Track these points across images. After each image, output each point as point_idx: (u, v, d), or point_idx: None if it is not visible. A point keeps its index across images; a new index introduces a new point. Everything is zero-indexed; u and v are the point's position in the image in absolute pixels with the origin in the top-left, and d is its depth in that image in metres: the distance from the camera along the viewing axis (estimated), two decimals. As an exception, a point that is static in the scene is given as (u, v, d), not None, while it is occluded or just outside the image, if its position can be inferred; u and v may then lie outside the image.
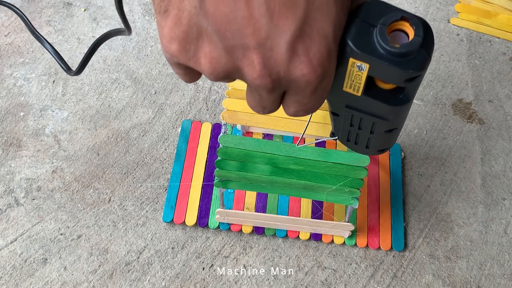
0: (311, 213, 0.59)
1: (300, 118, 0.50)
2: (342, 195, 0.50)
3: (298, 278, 0.57)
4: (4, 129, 0.67)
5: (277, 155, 0.48)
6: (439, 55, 0.74)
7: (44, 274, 0.57)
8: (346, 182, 0.49)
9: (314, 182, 0.49)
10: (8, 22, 0.77)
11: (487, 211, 0.61)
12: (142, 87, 0.71)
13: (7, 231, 0.59)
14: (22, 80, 0.71)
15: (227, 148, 0.48)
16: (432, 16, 0.79)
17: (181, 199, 0.59)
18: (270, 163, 0.48)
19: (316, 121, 0.49)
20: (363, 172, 0.48)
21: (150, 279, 0.56)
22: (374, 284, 0.56)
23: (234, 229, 0.58)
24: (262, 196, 0.59)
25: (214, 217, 0.58)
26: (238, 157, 0.49)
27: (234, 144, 0.48)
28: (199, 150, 0.63)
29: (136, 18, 0.78)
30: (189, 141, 0.63)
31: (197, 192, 0.60)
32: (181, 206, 0.59)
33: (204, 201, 0.59)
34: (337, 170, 0.48)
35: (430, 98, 0.70)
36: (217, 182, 0.51)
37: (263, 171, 0.49)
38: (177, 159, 0.62)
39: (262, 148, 0.48)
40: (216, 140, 0.63)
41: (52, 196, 0.62)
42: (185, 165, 0.62)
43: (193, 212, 0.59)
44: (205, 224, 0.58)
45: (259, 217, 0.56)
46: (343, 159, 0.48)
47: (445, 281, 0.56)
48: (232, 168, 0.49)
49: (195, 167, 0.62)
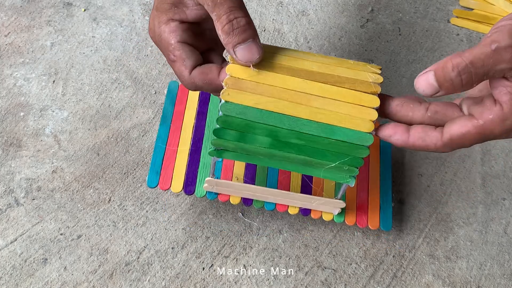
0: (300, 188, 0.57)
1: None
2: (340, 173, 0.49)
3: (298, 278, 0.57)
4: (4, 129, 0.67)
5: (280, 128, 0.46)
6: (439, 55, 0.74)
7: (44, 274, 0.57)
8: (346, 160, 0.48)
9: (314, 158, 0.48)
10: (8, 22, 0.77)
11: (487, 211, 0.61)
12: (142, 87, 0.71)
13: (7, 231, 0.59)
14: (22, 80, 0.71)
15: (227, 117, 0.46)
16: (432, 16, 0.79)
17: (167, 164, 0.57)
18: (271, 135, 0.47)
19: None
20: (365, 151, 0.47)
21: (150, 279, 0.56)
22: (374, 284, 0.56)
23: (222, 199, 0.56)
24: (251, 167, 0.58)
25: (202, 186, 0.57)
26: (239, 127, 0.47)
27: (236, 113, 0.46)
28: (187, 114, 0.61)
29: (136, 18, 0.78)
30: (175, 104, 0.61)
31: (183, 158, 0.58)
32: (166, 171, 0.57)
33: (191, 167, 0.57)
34: (339, 148, 0.47)
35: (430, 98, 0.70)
36: (212, 151, 0.49)
37: (262, 143, 0.47)
38: (163, 122, 0.60)
39: (265, 120, 0.46)
40: (204, 105, 0.61)
41: (52, 196, 0.62)
42: (172, 128, 0.60)
43: (180, 179, 0.57)
44: (192, 192, 0.56)
45: (251, 189, 0.55)
46: (346, 136, 0.46)
47: (445, 281, 0.56)
48: (231, 138, 0.47)
49: (182, 131, 0.59)
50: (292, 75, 0.47)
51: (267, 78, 0.46)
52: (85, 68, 0.73)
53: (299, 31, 0.76)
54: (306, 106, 0.46)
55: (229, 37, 0.45)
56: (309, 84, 0.47)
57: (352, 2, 0.80)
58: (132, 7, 0.79)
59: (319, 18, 0.78)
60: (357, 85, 0.47)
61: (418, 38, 0.76)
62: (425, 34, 0.77)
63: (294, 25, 0.77)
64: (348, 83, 0.47)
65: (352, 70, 0.48)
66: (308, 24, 0.77)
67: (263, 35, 0.76)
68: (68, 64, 0.73)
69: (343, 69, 0.48)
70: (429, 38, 0.76)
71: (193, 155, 0.58)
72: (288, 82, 0.47)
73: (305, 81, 0.47)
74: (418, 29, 0.77)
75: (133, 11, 0.79)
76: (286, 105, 0.46)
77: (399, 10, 0.79)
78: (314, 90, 0.47)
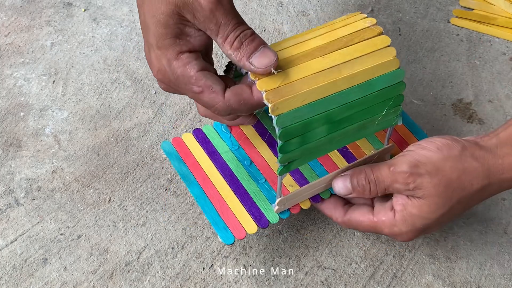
0: (343, 159, 0.57)
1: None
2: (388, 118, 0.51)
3: (298, 278, 0.57)
4: (4, 129, 0.67)
5: (331, 110, 0.47)
6: (439, 55, 0.74)
7: (44, 274, 0.57)
8: (391, 104, 0.50)
9: (366, 119, 0.49)
10: (8, 22, 0.77)
11: (487, 211, 0.61)
12: (142, 87, 0.71)
13: (7, 231, 0.59)
14: (22, 80, 0.71)
15: (285, 128, 0.46)
16: (432, 16, 0.79)
17: (226, 215, 0.54)
18: (327, 121, 0.47)
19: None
20: (402, 86, 0.49)
21: (150, 279, 0.56)
22: (374, 284, 0.56)
23: (294, 211, 0.54)
24: (295, 170, 0.57)
25: (270, 213, 0.54)
26: (298, 131, 0.46)
27: (290, 121, 0.46)
28: (201, 162, 0.58)
29: (136, 18, 0.78)
30: (184, 160, 0.58)
31: (234, 200, 0.55)
32: (231, 221, 0.53)
33: (248, 202, 0.55)
34: (382, 96, 0.49)
35: (430, 98, 0.70)
36: (281, 170, 0.49)
37: (321, 133, 0.48)
38: (188, 182, 0.56)
39: (317, 110, 0.47)
40: (208, 145, 0.59)
41: (52, 196, 0.62)
42: (200, 182, 0.56)
43: (247, 219, 0.54)
44: (267, 223, 0.53)
45: (314, 186, 0.54)
46: (384, 82, 0.49)
47: (445, 281, 0.56)
48: (295, 146, 0.47)
49: (211, 178, 0.56)
50: (310, 58, 0.47)
51: (294, 74, 0.46)
52: (85, 68, 0.73)
53: (299, 31, 0.76)
54: (339, 77, 0.47)
55: (241, 51, 0.44)
56: (329, 58, 0.48)
57: (352, 2, 0.80)
58: (132, 7, 0.79)
59: (319, 18, 0.78)
60: (363, 35, 0.49)
61: (418, 38, 0.76)
62: (425, 34, 0.77)
63: (294, 25, 0.77)
64: (356, 37, 0.49)
65: (349, 25, 0.50)
66: (308, 24, 0.77)
67: (263, 35, 0.76)
68: (68, 64, 0.73)
69: (342, 29, 0.50)
70: (429, 38, 0.76)
71: (239, 192, 0.55)
72: (312, 66, 0.47)
73: (324, 57, 0.48)
74: (418, 29, 0.77)
75: (133, 11, 0.79)
76: (325, 87, 0.47)
77: (399, 10, 0.79)
78: (336, 60, 0.48)
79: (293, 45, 0.48)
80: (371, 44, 0.49)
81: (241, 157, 0.57)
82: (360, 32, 0.49)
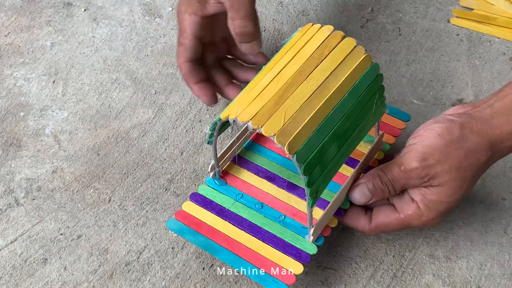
0: (347, 166, 0.57)
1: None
2: (377, 111, 0.52)
3: (298, 278, 0.57)
4: (4, 129, 0.67)
5: (336, 125, 0.48)
6: (439, 55, 0.74)
7: (44, 274, 0.57)
8: (377, 97, 0.51)
9: (363, 120, 0.51)
10: (8, 22, 0.77)
11: (487, 211, 0.61)
12: (142, 87, 0.71)
13: (7, 231, 0.59)
14: (22, 80, 0.71)
15: (306, 161, 0.46)
16: (432, 16, 0.79)
17: (266, 265, 0.52)
18: (335, 138, 0.48)
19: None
20: (381, 78, 0.51)
21: (150, 279, 0.56)
22: (374, 284, 0.56)
23: (326, 233, 0.53)
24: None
25: (306, 244, 0.53)
26: (316, 160, 0.47)
27: (307, 152, 0.46)
28: (215, 225, 0.54)
29: (136, 18, 0.78)
30: (196, 230, 0.54)
31: (265, 248, 0.53)
32: (276, 271, 0.51)
33: (281, 244, 0.53)
34: (369, 93, 0.51)
35: (430, 98, 0.70)
36: (312, 201, 0.48)
37: (334, 151, 0.48)
38: (213, 251, 0.53)
39: (325, 132, 0.47)
40: (213, 205, 0.56)
41: (52, 196, 0.62)
42: (226, 246, 0.53)
43: (289, 261, 0.52)
44: (308, 258, 0.52)
45: (336, 201, 0.53)
46: (366, 81, 0.50)
47: (445, 281, 0.56)
48: (318, 174, 0.47)
49: (233, 236, 0.53)
50: (296, 86, 0.49)
51: (290, 107, 0.47)
52: (85, 68, 0.73)
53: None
54: (330, 93, 0.48)
55: (238, 36, 0.58)
56: (312, 79, 0.49)
57: (352, 2, 0.80)
58: (132, 7, 0.79)
59: (319, 18, 0.78)
60: (330, 44, 0.51)
61: (418, 38, 0.76)
62: (425, 34, 0.77)
63: (294, 25, 0.77)
64: (325, 49, 0.50)
65: (312, 40, 0.51)
66: (308, 24, 0.77)
67: (263, 35, 0.76)
68: (68, 64, 0.73)
69: (308, 47, 0.51)
70: (429, 38, 0.76)
71: (267, 238, 0.53)
72: (302, 93, 0.48)
73: (307, 80, 0.49)
74: (418, 29, 0.77)
75: (133, 11, 0.79)
76: (322, 108, 0.48)
77: (399, 10, 0.79)
78: (320, 78, 0.49)
79: (272, 80, 0.49)
80: (340, 50, 0.51)
81: (250, 203, 0.56)
82: (326, 43, 0.51)
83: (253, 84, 0.50)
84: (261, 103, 0.47)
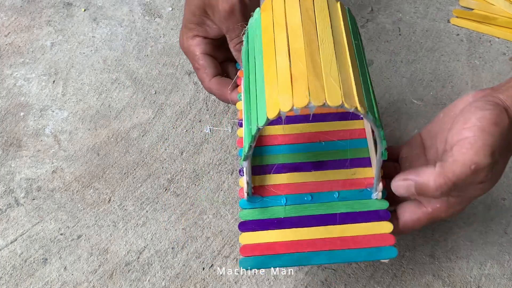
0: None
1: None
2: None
3: (298, 278, 0.57)
4: (4, 129, 0.67)
5: (364, 67, 0.48)
6: (439, 55, 0.74)
7: (44, 274, 0.57)
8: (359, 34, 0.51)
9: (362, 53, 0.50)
10: (8, 22, 0.77)
11: (487, 211, 0.61)
12: (142, 87, 0.71)
13: (7, 231, 0.59)
14: (22, 80, 0.71)
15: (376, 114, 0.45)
16: (432, 16, 0.79)
17: (361, 243, 0.50)
18: (368, 77, 0.48)
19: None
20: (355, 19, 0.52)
21: (150, 279, 0.56)
22: (374, 284, 0.56)
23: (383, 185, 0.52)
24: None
25: (376, 203, 0.51)
26: (374, 104, 0.46)
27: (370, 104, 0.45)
28: (284, 237, 0.50)
29: (136, 18, 0.78)
30: (275, 253, 0.50)
31: (347, 228, 0.50)
32: (372, 243, 0.50)
33: (357, 217, 0.51)
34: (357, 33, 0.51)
35: (430, 98, 0.70)
36: (385, 152, 0.47)
37: (370, 88, 0.47)
38: (305, 262, 0.50)
39: (365, 80, 0.47)
40: (266, 221, 0.52)
41: (52, 196, 0.62)
42: (308, 249, 0.50)
43: (376, 226, 0.50)
44: (389, 214, 0.50)
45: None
46: (353, 26, 0.50)
47: (445, 281, 0.56)
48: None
49: (311, 236, 0.50)
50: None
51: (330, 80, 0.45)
52: (85, 68, 0.73)
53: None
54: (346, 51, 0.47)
55: (238, 53, 0.60)
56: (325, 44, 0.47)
57: (352, 2, 0.80)
58: (132, 7, 0.79)
59: (319, 18, 0.78)
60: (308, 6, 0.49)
61: (418, 38, 0.76)
62: (425, 34, 0.77)
63: (294, 25, 0.77)
64: (309, 11, 0.48)
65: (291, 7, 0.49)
66: (308, 24, 0.77)
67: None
68: (68, 64, 0.73)
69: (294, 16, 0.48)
70: (429, 38, 0.76)
71: (338, 218, 0.51)
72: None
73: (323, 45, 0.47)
74: (418, 29, 0.77)
75: (133, 11, 0.79)
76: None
77: (399, 10, 0.79)
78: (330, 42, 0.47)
79: (291, 59, 0.45)
80: (320, 8, 0.49)
81: (299, 200, 0.52)
82: (303, 4, 0.49)
83: (270, 72, 0.46)
84: (303, 81, 0.43)
